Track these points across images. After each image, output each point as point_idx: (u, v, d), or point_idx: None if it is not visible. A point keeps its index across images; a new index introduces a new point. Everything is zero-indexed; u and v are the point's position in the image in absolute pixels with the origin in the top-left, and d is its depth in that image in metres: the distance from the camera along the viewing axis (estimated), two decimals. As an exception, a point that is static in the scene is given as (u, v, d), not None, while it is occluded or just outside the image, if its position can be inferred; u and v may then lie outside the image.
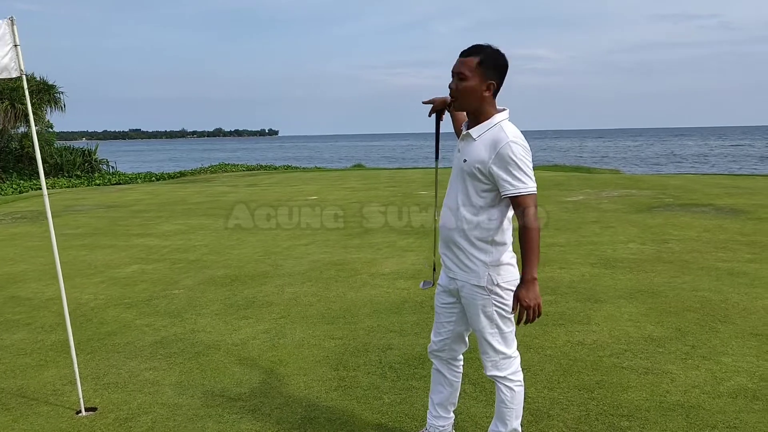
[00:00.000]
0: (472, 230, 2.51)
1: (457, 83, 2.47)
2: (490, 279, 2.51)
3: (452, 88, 2.49)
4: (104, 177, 26.30)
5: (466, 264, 2.54)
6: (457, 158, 2.56)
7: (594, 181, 15.22)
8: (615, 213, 9.87)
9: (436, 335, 2.79)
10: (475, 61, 2.43)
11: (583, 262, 6.61)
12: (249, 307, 5.42)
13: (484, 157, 2.40)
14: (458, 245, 2.54)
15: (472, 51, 2.46)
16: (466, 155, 2.49)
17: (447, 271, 2.66)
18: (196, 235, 9.38)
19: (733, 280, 5.64)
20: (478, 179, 2.45)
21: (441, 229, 2.63)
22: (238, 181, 20.52)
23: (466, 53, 2.47)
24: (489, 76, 2.45)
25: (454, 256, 2.57)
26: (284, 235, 9.20)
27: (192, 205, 13.41)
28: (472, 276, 2.53)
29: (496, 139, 2.41)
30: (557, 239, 7.95)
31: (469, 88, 2.45)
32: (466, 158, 2.48)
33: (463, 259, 2.54)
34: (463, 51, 2.49)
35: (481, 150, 2.43)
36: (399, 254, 7.42)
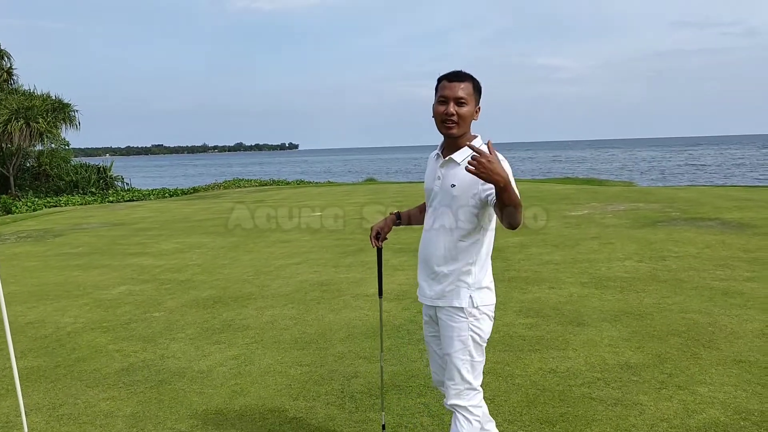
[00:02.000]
0: (460, 253, 2.51)
1: (457, 109, 2.47)
2: (471, 301, 2.51)
3: (451, 113, 2.46)
4: (118, 194, 26.58)
5: (450, 287, 2.52)
6: (439, 185, 2.55)
7: (602, 195, 14.95)
8: (617, 228, 9.64)
9: (434, 366, 2.77)
10: (471, 86, 2.48)
11: (574, 282, 6.42)
12: (225, 330, 5.32)
13: (473, 179, 2.36)
14: (444, 269, 2.52)
15: (464, 76, 2.49)
16: (453, 180, 2.48)
17: (427, 299, 2.62)
18: (191, 254, 9.35)
19: (726, 301, 5.42)
20: (467, 202, 2.46)
21: (424, 255, 2.61)
22: (246, 197, 20.57)
23: (459, 78, 2.48)
24: (478, 101, 2.53)
25: (437, 281, 2.55)
26: (279, 253, 9.13)
27: (195, 223, 13.42)
28: (453, 298, 2.52)
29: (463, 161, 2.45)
30: (553, 256, 7.76)
31: (468, 113, 2.48)
32: (455, 183, 2.47)
33: (447, 282, 2.52)
34: (452, 76, 2.49)
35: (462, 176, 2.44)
36: (388, 273, 7.28)
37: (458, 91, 2.46)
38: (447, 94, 2.46)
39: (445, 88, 2.48)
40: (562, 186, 18.46)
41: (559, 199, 14.34)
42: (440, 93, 2.49)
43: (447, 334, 2.54)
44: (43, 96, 25.59)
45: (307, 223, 12.32)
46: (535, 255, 7.92)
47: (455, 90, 2.46)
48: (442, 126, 2.50)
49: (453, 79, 2.48)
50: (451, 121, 2.47)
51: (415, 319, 5.33)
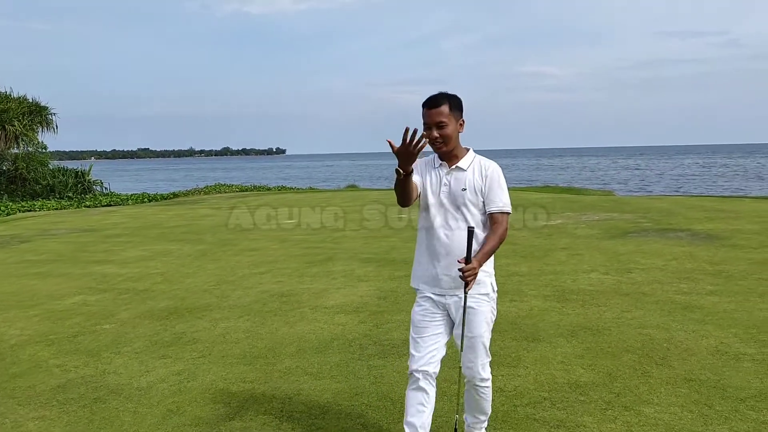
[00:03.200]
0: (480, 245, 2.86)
1: (440, 131, 2.81)
2: (492, 286, 3.00)
3: (436, 137, 2.80)
4: (96, 198, 26.22)
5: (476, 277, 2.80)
6: (446, 190, 2.89)
7: (578, 204, 14.95)
8: (587, 239, 9.59)
9: (423, 350, 2.93)
10: (446, 108, 2.80)
11: (537, 294, 6.33)
12: (174, 344, 5.17)
13: (479, 182, 2.86)
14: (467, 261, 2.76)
15: (441, 100, 2.81)
16: (463, 185, 2.87)
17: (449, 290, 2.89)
18: (156, 262, 9.17)
19: (685, 316, 5.35)
20: (474, 202, 2.86)
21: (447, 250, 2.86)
22: (224, 203, 20.37)
23: (434, 104, 2.80)
24: (458, 116, 2.87)
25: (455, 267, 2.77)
26: (245, 261, 8.98)
27: (166, 230, 13.22)
28: (480, 286, 2.89)
29: (482, 166, 2.91)
30: (519, 268, 7.68)
31: (451, 132, 2.83)
32: (465, 187, 2.87)
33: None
34: (430, 103, 2.81)
35: (475, 177, 2.87)
36: (352, 284, 7.17)
37: (436, 117, 2.80)
38: (428, 121, 2.81)
39: (425, 116, 2.82)
40: (540, 195, 18.46)
41: (535, 207, 14.31)
42: (424, 120, 2.83)
43: (477, 318, 2.90)
44: (20, 98, 25.23)
45: (280, 230, 12.17)
46: (502, 266, 7.83)
47: (433, 117, 2.80)
48: (433, 147, 2.85)
49: (431, 107, 2.80)
50: (438, 143, 2.82)
51: (371, 334, 5.21)
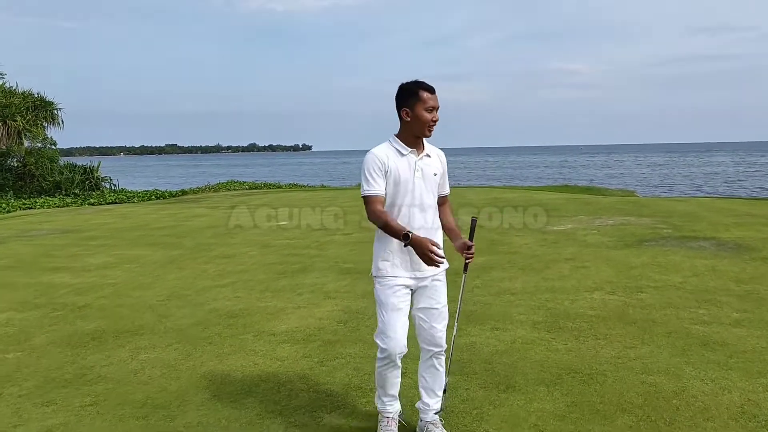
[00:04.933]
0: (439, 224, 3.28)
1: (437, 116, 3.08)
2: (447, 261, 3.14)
3: (437, 119, 3.07)
4: (101, 196, 25.67)
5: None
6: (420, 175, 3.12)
7: (593, 206, 13.77)
8: (597, 248, 8.49)
9: (401, 332, 3.11)
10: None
11: (525, 321, 5.31)
12: (71, 383, 4.27)
13: (440, 168, 3.24)
14: (435, 239, 3.15)
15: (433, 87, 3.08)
16: (434, 169, 3.18)
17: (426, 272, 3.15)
18: (117, 271, 8.33)
19: (703, 356, 4.29)
20: (437, 185, 3.22)
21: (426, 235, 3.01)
22: (226, 202, 19.58)
23: (433, 90, 3.06)
24: None
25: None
26: (212, 271, 8.09)
27: (150, 231, 12.42)
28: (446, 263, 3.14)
29: (438, 154, 3.25)
30: (514, 283, 6.65)
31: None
32: (436, 172, 3.19)
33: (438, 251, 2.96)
34: (432, 89, 3.05)
35: (437, 163, 3.21)
36: (316, 302, 6.22)
37: (437, 102, 3.06)
38: (433, 105, 3.04)
39: (430, 99, 3.03)
40: (555, 195, 17.28)
41: (546, 210, 13.19)
42: (428, 103, 3.02)
43: (443, 290, 3.27)
44: (24, 94, 24.76)
45: (267, 233, 11.28)
46: (494, 281, 6.81)
47: (436, 101, 3.06)
48: (425, 129, 3.07)
49: (433, 92, 3.05)
50: (433, 126, 3.07)
51: (309, 375, 4.26)
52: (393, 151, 3.10)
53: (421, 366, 3.32)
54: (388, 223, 2.96)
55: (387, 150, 3.09)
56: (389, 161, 3.05)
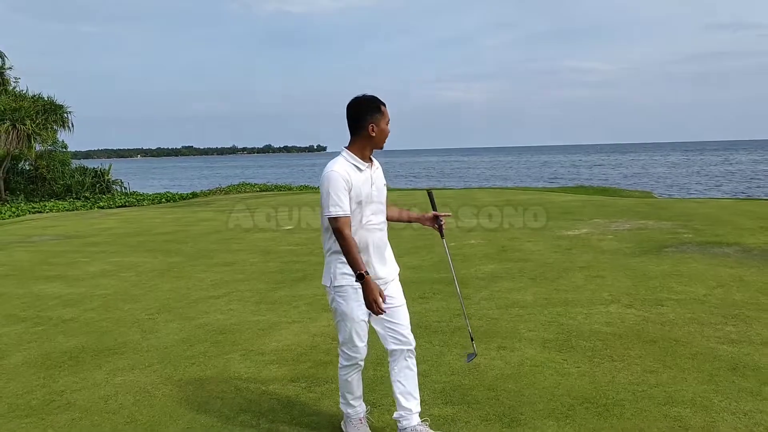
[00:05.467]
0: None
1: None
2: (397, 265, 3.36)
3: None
4: (112, 199, 25.55)
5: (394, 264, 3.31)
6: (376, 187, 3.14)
7: (610, 209, 13.25)
8: (613, 255, 8.03)
9: (365, 340, 3.20)
10: None
11: (535, 338, 4.88)
12: (35, 412, 3.92)
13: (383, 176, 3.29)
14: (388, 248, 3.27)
15: None
16: (383, 179, 3.25)
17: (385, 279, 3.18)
18: (111, 280, 8.03)
19: (733, 383, 3.84)
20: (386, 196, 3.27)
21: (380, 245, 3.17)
22: (235, 205, 19.29)
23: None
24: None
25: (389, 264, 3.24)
26: (209, 280, 7.75)
27: (151, 237, 12.14)
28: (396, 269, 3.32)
29: (378, 163, 3.26)
30: (524, 295, 6.22)
31: None
32: (385, 182, 3.28)
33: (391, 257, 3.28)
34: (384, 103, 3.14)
35: (381, 172, 3.27)
36: (312, 316, 5.84)
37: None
38: (389, 118, 3.14)
39: (387, 113, 3.12)
40: (569, 197, 16.76)
41: (560, 213, 12.71)
42: (387, 117, 3.12)
43: (399, 288, 3.28)
44: (34, 97, 24.71)
45: (270, 239, 10.93)
46: (503, 292, 6.39)
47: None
48: (383, 143, 3.15)
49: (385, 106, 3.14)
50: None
51: (294, 403, 3.87)
52: (351, 168, 3.05)
53: (394, 372, 3.23)
54: (351, 252, 2.95)
55: (346, 167, 3.04)
56: (351, 179, 3.01)
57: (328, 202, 2.97)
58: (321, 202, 3.03)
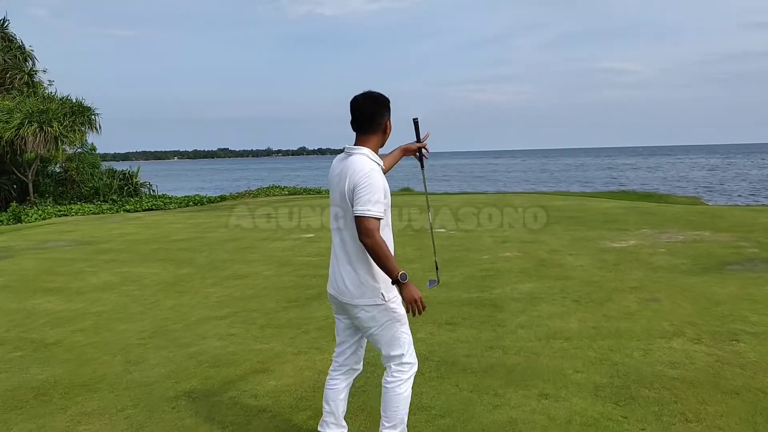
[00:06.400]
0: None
1: None
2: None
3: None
4: (140, 202, 25.26)
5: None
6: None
7: (658, 217, 12.19)
8: (669, 273, 7.07)
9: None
10: None
11: (585, 382, 4.02)
12: (-26, 472, 3.23)
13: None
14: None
15: None
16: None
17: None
18: (113, 294, 7.40)
19: None
20: None
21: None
22: (260, 210, 18.67)
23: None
24: None
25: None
26: (215, 296, 7.06)
27: (166, 245, 11.54)
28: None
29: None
30: (568, 322, 5.35)
31: None
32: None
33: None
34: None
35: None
36: (320, 346, 5.07)
37: None
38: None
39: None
40: (611, 203, 15.67)
41: (603, 222, 11.71)
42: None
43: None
44: (62, 99, 24.55)
45: (288, 249, 10.21)
46: (543, 318, 5.52)
47: None
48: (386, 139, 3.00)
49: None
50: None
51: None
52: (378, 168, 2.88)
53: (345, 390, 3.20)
54: (388, 254, 2.74)
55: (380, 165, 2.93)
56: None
57: (371, 199, 2.71)
58: (357, 201, 2.72)
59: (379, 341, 2.94)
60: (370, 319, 2.88)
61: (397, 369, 2.95)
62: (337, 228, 2.96)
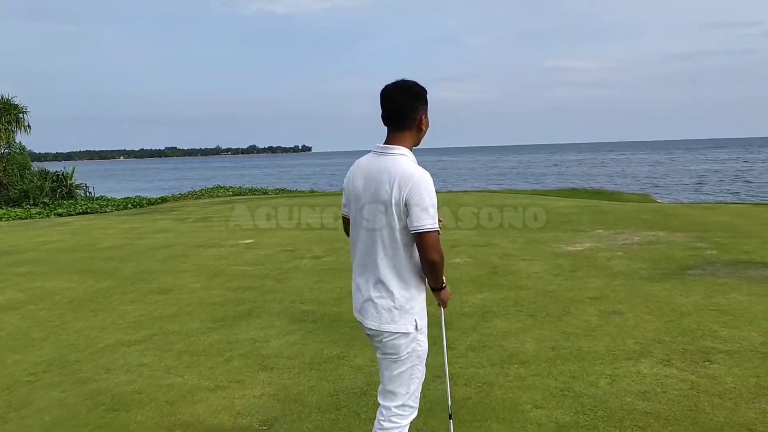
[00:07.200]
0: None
1: None
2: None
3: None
4: (73, 205, 23.82)
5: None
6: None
7: (611, 216, 11.86)
8: (629, 279, 6.63)
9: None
10: None
11: (546, 420, 3.45)
12: None
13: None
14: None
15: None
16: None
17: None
18: (15, 315, 6.51)
19: None
20: None
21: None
22: (198, 213, 17.71)
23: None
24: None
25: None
26: (134, 315, 6.25)
27: (94, 252, 10.58)
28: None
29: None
30: (524, 342, 4.79)
31: None
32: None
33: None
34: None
35: None
36: (242, 378, 4.36)
37: None
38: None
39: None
40: (563, 202, 15.36)
41: (559, 223, 11.31)
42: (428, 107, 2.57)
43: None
44: (-7, 96, 22.98)
45: (226, 257, 9.42)
46: (496, 337, 4.95)
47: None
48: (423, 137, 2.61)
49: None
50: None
51: None
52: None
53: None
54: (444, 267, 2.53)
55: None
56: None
57: (426, 214, 2.39)
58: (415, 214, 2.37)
59: (387, 373, 2.55)
60: (391, 346, 2.51)
61: (397, 412, 2.56)
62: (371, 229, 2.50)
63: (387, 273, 2.47)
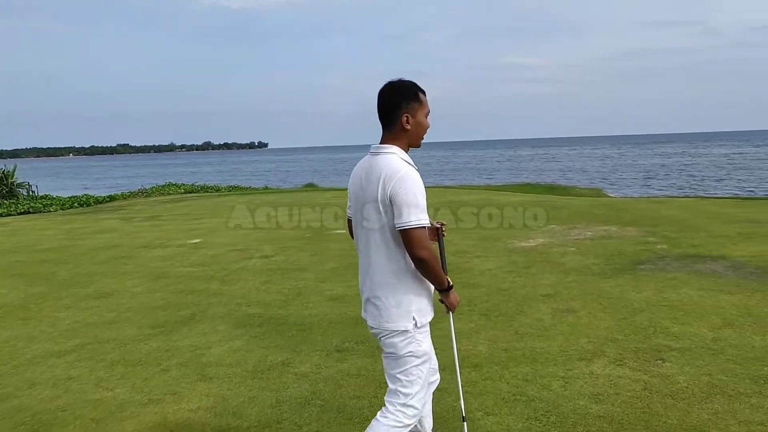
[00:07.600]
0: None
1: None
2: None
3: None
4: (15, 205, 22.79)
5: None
6: None
7: (565, 211, 11.89)
8: (581, 275, 6.57)
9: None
10: None
11: (497, 429, 3.29)
12: None
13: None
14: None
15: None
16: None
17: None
18: (-65, 325, 6.03)
19: None
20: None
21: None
22: (146, 211, 17.12)
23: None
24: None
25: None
26: (66, 323, 5.88)
27: (30, 254, 10.05)
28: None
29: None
30: (476, 344, 4.65)
31: None
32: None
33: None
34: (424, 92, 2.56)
35: None
36: (179, 390, 4.08)
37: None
38: (429, 109, 2.56)
39: (427, 103, 2.54)
40: (517, 197, 15.38)
41: (511, 219, 11.26)
42: (427, 108, 2.53)
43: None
44: None
45: (170, 258, 9.03)
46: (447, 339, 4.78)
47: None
48: (421, 138, 2.56)
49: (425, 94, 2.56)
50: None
51: None
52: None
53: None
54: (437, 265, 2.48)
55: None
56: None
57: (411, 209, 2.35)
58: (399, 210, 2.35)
59: (389, 372, 2.57)
60: (390, 345, 2.51)
61: (400, 410, 2.53)
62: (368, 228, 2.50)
63: (385, 271, 2.48)
